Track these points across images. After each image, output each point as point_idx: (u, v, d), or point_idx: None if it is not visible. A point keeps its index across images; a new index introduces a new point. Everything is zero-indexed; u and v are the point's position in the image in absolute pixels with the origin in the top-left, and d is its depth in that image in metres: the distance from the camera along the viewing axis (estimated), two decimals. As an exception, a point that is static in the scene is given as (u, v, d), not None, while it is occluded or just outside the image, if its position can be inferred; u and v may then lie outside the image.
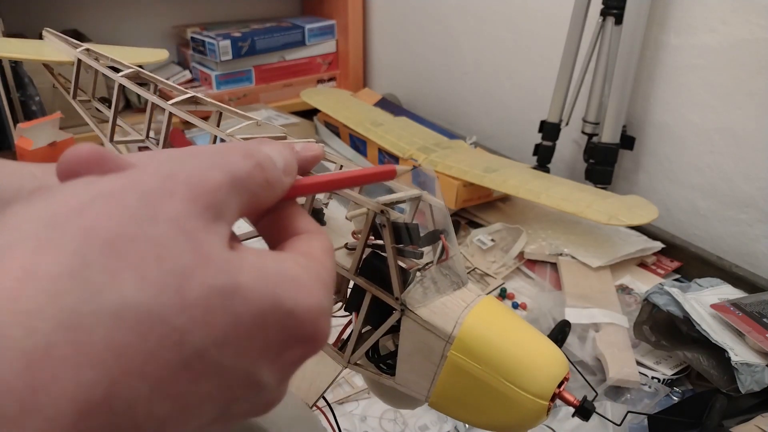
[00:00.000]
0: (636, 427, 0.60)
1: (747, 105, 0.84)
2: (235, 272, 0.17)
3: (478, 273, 0.82)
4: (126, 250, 0.16)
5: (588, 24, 0.97)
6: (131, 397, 0.15)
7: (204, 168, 0.19)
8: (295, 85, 1.49)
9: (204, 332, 0.16)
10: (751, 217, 0.87)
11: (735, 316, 0.65)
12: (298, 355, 0.20)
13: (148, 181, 0.17)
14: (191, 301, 0.16)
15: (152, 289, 0.15)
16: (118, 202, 0.16)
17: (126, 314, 0.15)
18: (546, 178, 0.91)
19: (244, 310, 0.17)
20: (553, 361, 0.30)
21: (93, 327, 0.14)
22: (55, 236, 0.15)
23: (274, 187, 0.22)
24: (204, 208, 0.18)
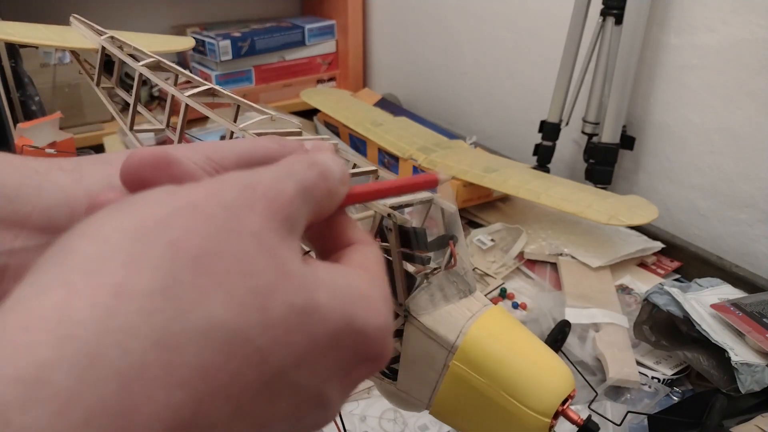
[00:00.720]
0: (636, 427, 0.60)
1: (747, 105, 0.84)
2: (313, 289, 0.17)
3: (478, 273, 0.82)
4: (213, 266, 0.15)
5: (588, 24, 0.97)
6: (215, 417, 0.15)
7: (279, 179, 0.19)
8: (295, 85, 1.49)
9: (285, 352, 0.16)
10: (751, 217, 0.87)
11: (735, 316, 0.65)
12: (365, 373, 0.20)
13: (229, 192, 0.17)
14: (274, 320, 0.16)
15: (238, 307, 0.15)
16: (202, 213, 0.16)
17: (214, 334, 0.15)
18: (546, 178, 0.91)
19: (321, 329, 0.17)
20: (558, 377, 0.29)
21: (183, 347, 0.14)
22: (144, 251, 0.15)
23: (334, 196, 0.21)
24: (281, 221, 0.18)
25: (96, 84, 0.57)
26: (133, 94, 0.49)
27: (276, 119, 0.39)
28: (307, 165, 0.20)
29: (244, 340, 0.15)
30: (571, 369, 0.68)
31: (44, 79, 1.18)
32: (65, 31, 0.63)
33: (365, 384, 0.64)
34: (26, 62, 1.15)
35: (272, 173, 0.19)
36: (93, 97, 1.24)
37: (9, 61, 1.09)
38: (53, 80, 1.19)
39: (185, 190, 0.17)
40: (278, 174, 0.19)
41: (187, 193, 0.17)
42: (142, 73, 0.47)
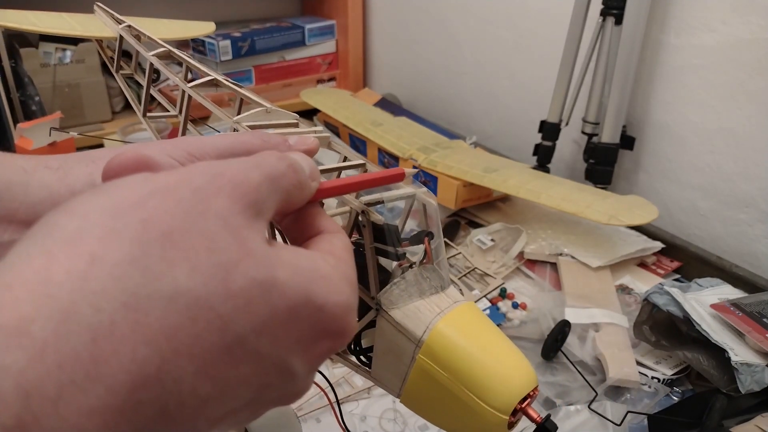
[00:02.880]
0: (636, 427, 0.60)
1: (747, 105, 0.84)
2: (274, 267, 0.19)
3: (478, 273, 0.82)
4: (180, 241, 0.17)
5: (588, 24, 0.97)
6: (179, 375, 0.16)
7: (246, 168, 0.20)
8: (295, 85, 1.49)
9: (245, 320, 0.18)
10: (751, 217, 0.87)
11: (735, 316, 0.65)
12: (327, 348, 0.21)
13: (199, 178, 0.19)
14: (235, 291, 0.18)
15: (202, 277, 0.17)
16: (173, 196, 0.18)
17: (178, 299, 0.17)
18: (546, 178, 0.91)
19: (280, 302, 0.19)
20: (518, 376, 0.29)
21: (149, 309, 0.16)
22: (118, 226, 0.17)
23: (304, 188, 0.24)
24: (246, 206, 0.19)
25: (115, 71, 0.59)
26: (146, 82, 0.50)
27: (271, 111, 0.39)
28: (277, 158, 0.22)
29: (206, 306, 0.17)
30: (570, 369, 0.68)
31: (44, 79, 1.18)
32: (88, 20, 0.65)
33: (365, 384, 0.64)
34: (26, 62, 1.15)
35: (241, 163, 0.21)
36: (93, 97, 1.25)
37: (9, 61, 1.09)
38: (53, 80, 1.19)
39: (159, 176, 0.19)
40: (247, 164, 0.21)
41: (161, 179, 0.19)
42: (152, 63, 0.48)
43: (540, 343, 0.69)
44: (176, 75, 0.46)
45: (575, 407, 0.61)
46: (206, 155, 0.28)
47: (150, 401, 0.16)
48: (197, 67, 0.46)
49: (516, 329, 0.73)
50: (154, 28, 0.62)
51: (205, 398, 0.17)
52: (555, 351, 0.68)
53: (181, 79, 0.44)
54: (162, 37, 0.58)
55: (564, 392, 0.64)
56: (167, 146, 0.28)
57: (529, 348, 0.70)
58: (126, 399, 0.15)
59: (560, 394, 0.64)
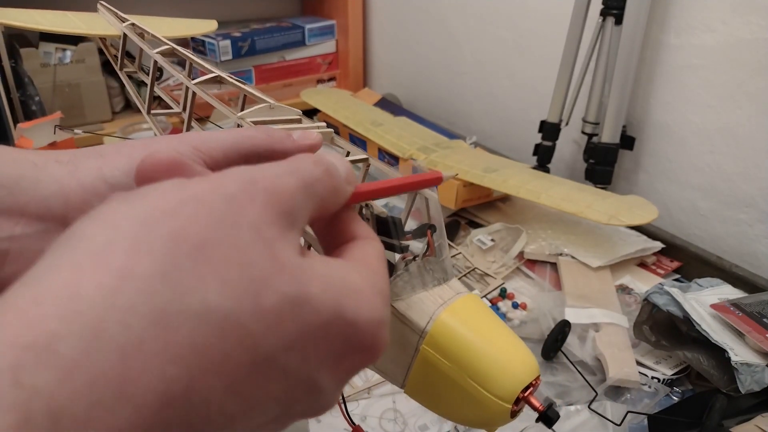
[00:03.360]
0: (636, 427, 0.60)
1: (747, 105, 0.84)
2: (307, 281, 0.18)
3: (478, 273, 0.82)
4: (212, 254, 0.17)
5: (588, 24, 0.97)
6: (207, 394, 0.16)
7: (281, 174, 0.20)
8: (295, 85, 1.49)
9: (276, 337, 0.17)
10: (751, 217, 0.87)
11: (735, 316, 0.65)
12: (357, 363, 0.21)
13: (231, 186, 0.18)
14: (267, 308, 0.17)
15: (233, 294, 0.16)
16: (205, 205, 0.18)
17: (209, 316, 0.16)
18: (546, 178, 0.91)
19: (312, 318, 0.18)
20: (521, 365, 0.30)
21: (179, 326, 0.16)
22: (149, 238, 0.16)
23: (339, 193, 0.23)
24: (280, 215, 0.19)
25: (119, 69, 0.59)
26: (150, 80, 0.50)
27: (275, 107, 0.39)
28: (313, 162, 0.21)
29: (237, 324, 0.16)
30: (570, 369, 0.68)
31: (44, 79, 1.18)
32: (92, 19, 0.65)
33: (365, 384, 0.64)
34: (26, 62, 1.15)
35: (275, 169, 0.20)
36: (93, 97, 1.25)
37: (9, 61, 1.09)
38: (53, 80, 1.19)
39: (191, 184, 0.18)
40: (281, 169, 0.20)
41: (193, 187, 0.18)
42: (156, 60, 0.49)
43: (540, 343, 0.69)
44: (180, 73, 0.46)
45: (575, 407, 0.61)
46: (211, 150, 0.28)
47: (177, 420, 0.16)
48: (201, 64, 0.46)
49: (516, 329, 0.73)
50: (157, 26, 0.63)
51: (232, 416, 0.17)
52: (555, 351, 0.68)
53: (185, 76, 0.45)
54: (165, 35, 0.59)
55: (564, 392, 0.64)
56: (174, 141, 0.28)
57: (529, 348, 0.70)
58: (153, 419, 0.15)
59: (560, 394, 0.64)
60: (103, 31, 0.62)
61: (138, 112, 1.33)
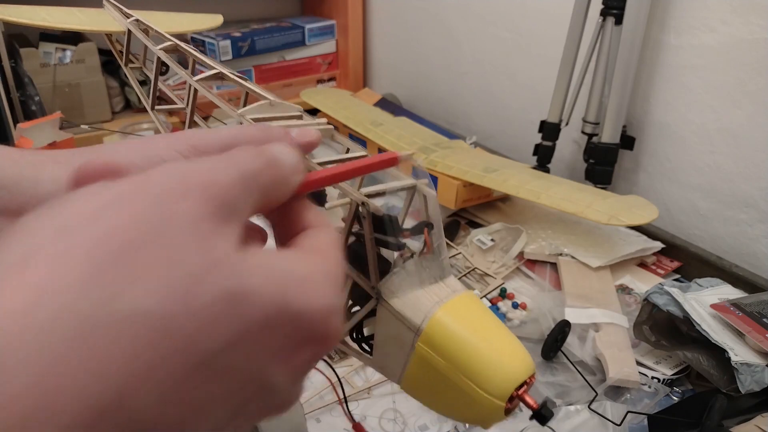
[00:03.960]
0: (636, 427, 0.60)
1: (747, 105, 0.84)
2: (245, 275, 0.18)
3: (478, 273, 0.82)
4: (137, 256, 0.16)
5: (588, 24, 0.97)
6: (142, 403, 0.15)
7: (218, 166, 0.19)
8: (295, 85, 1.49)
9: (213, 336, 0.17)
10: (751, 217, 0.87)
11: (735, 316, 0.65)
12: (310, 355, 0.20)
13: (161, 182, 0.18)
14: (200, 306, 0.16)
15: (162, 294, 0.16)
16: (130, 206, 0.17)
17: (136, 321, 0.15)
18: (546, 178, 0.91)
19: (253, 313, 0.17)
20: (515, 363, 0.30)
21: (103, 336, 0.15)
22: (68, 246, 0.16)
23: (284, 184, 0.22)
24: (217, 208, 0.18)
25: (124, 64, 0.60)
26: (153, 76, 0.50)
27: (275, 104, 0.39)
28: (254, 154, 0.21)
29: (168, 326, 0.16)
30: (570, 369, 0.68)
31: (44, 79, 1.18)
32: (97, 15, 0.65)
33: (365, 384, 0.64)
34: (26, 62, 1.15)
35: (211, 162, 0.19)
36: (93, 97, 1.24)
37: (9, 61, 1.09)
38: (53, 80, 1.19)
39: (116, 185, 0.18)
40: (218, 162, 0.19)
41: (117, 187, 0.17)
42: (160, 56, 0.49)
43: (540, 343, 0.69)
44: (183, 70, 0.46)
45: (575, 407, 0.61)
46: (210, 147, 0.28)
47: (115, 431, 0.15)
48: (203, 60, 0.47)
49: (516, 329, 0.73)
50: (162, 22, 0.63)
51: (177, 421, 0.16)
52: (555, 351, 0.68)
53: (187, 73, 0.45)
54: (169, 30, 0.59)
55: (564, 392, 0.64)
56: (171, 139, 0.28)
57: (529, 348, 0.69)
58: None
59: (560, 394, 0.64)
60: (108, 27, 0.62)
61: (138, 112, 1.33)
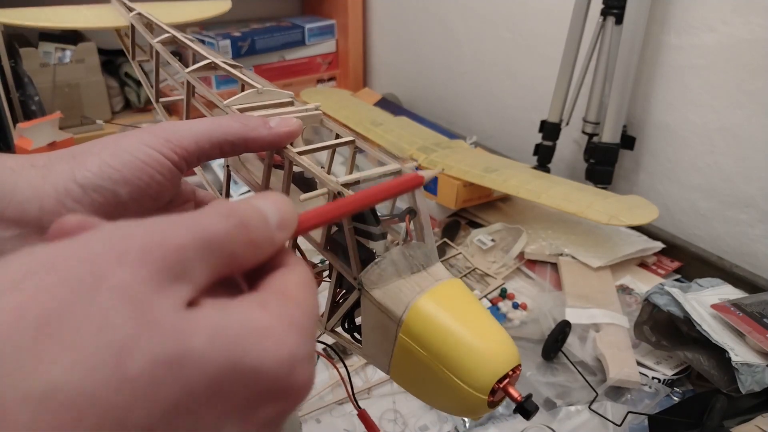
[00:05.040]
0: (636, 427, 0.60)
1: (747, 105, 0.84)
2: (186, 336, 0.16)
3: (479, 273, 0.82)
4: (60, 327, 0.15)
5: (588, 24, 0.96)
6: None
7: (171, 227, 0.18)
8: (295, 84, 1.49)
9: (150, 407, 0.15)
10: (752, 217, 0.87)
11: (735, 317, 0.65)
12: (275, 411, 0.19)
13: (96, 246, 0.17)
14: (132, 375, 0.15)
15: (86, 366, 0.15)
16: (58, 272, 0.16)
17: (54, 397, 0.14)
18: (546, 178, 0.91)
19: (197, 376, 0.16)
20: (497, 354, 0.29)
21: (18, 414, 0.14)
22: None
23: (261, 245, 0.20)
24: (158, 271, 0.17)
25: (132, 58, 0.60)
26: (154, 68, 0.50)
27: (263, 92, 0.39)
28: (223, 216, 0.19)
29: (92, 400, 0.14)
30: (571, 369, 0.67)
31: (44, 79, 1.17)
32: (104, 11, 0.66)
33: (365, 384, 0.64)
34: (26, 62, 1.15)
35: (165, 222, 0.18)
36: (93, 97, 1.24)
37: (9, 61, 1.09)
38: (53, 80, 1.19)
39: (47, 248, 0.17)
40: (174, 222, 0.18)
41: (49, 251, 0.16)
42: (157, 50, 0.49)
43: (540, 343, 0.69)
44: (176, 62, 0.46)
45: (576, 408, 0.61)
46: (182, 140, 0.28)
47: None
48: (197, 51, 0.47)
49: (516, 329, 0.73)
50: (168, 12, 0.62)
51: None
52: (555, 351, 0.68)
53: (180, 65, 0.45)
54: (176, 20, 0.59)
55: (564, 392, 0.64)
56: (144, 134, 0.28)
57: (529, 348, 0.70)
58: None
59: (561, 394, 0.64)
60: (115, 23, 0.62)
61: (137, 112, 1.33)
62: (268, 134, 0.31)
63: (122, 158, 0.27)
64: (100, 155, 0.28)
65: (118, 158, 0.27)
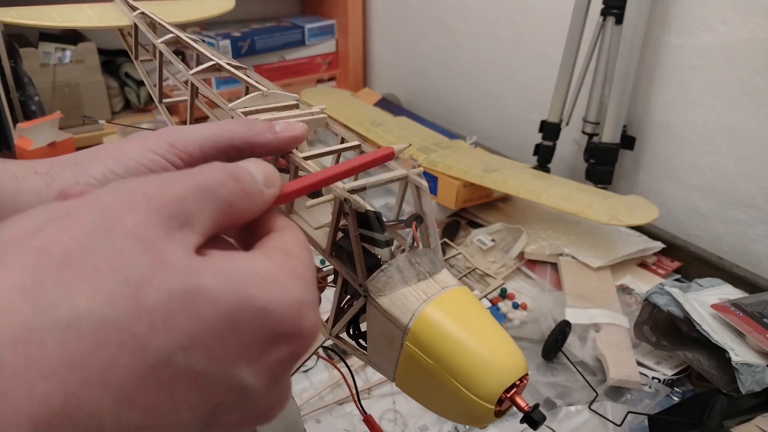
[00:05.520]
0: (636, 427, 0.60)
1: (747, 105, 0.84)
2: (198, 275, 0.17)
3: (479, 273, 0.82)
4: (80, 264, 0.16)
5: (588, 24, 0.96)
6: (94, 408, 0.15)
7: (168, 180, 0.19)
8: (295, 85, 1.49)
9: (167, 336, 0.16)
10: (752, 217, 0.87)
11: (735, 317, 0.65)
12: (285, 353, 0.20)
13: (106, 198, 0.18)
14: (149, 307, 0.16)
15: (106, 298, 0.16)
16: (74, 220, 0.17)
17: (79, 325, 0.15)
18: (546, 178, 0.91)
19: (209, 311, 0.17)
20: (505, 364, 0.29)
21: (45, 340, 0.15)
22: (8, 257, 0.16)
23: (253, 196, 0.22)
24: (165, 218, 0.18)
25: (135, 57, 0.60)
26: (157, 69, 0.50)
27: (269, 95, 0.39)
28: (216, 168, 0.21)
29: (115, 328, 0.16)
30: (571, 369, 0.67)
31: (44, 79, 1.17)
32: (107, 10, 0.65)
33: (365, 385, 0.64)
34: (26, 62, 1.14)
35: (165, 177, 0.20)
36: (93, 97, 1.24)
37: (9, 61, 1.09)
38: (53, 80, 1.19)
39: (62, 203, 0.18)
40: (171, 176, 0.20)
41: (63, 205, 0.18)
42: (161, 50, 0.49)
43: (540, 343, 0.69)
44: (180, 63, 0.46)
45: (576, 408, 0.61)
46: (188, 146, 0.28)
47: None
48: (201, 52, 0.46)
49: (516, 329, 0.73)
50: (171, 11, 0.62)
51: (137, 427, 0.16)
52: (555, 351, 0.68)
53: (184, 66, 0.45)
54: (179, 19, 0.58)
55: (564, 393, 0.64)
56: (148, 140, 0.28)
57: (529, 348, 0.70)
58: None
59: (561, 394, 0.64)
60: (118, 23, 0.62)
61: (137, 112, 1.33)
62: (274, 139, 0.31)
63: (127, 164, 0.27)
64: (104, 162, 0.27)
65: (123, 164, 0.27)
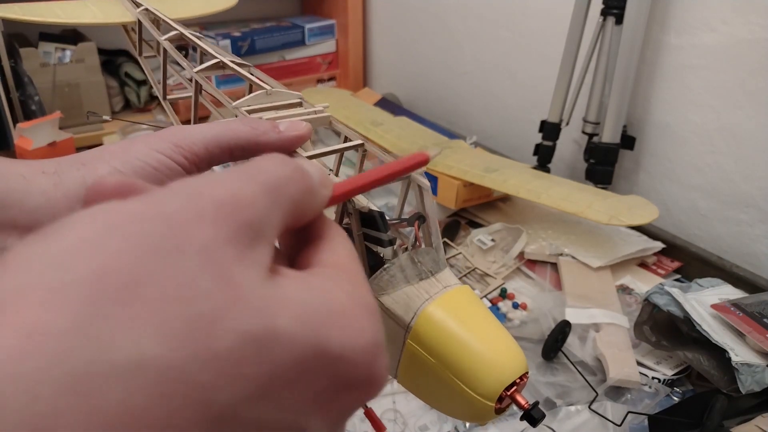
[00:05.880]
0: (636, 427, 0.60)
1: (747, 105, 0.84)
2: (273, 313, 0.15)
3: (479, 273, 0.82)
4: (144, 293, 0.14)
5: (588, 23, 0.96)
6: None
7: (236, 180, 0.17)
8: (295, 84, 1.49)
9: (236, 387, 0.14)
10: (752, 217, 0.87)
11: (735, 317, 0.65)
12: (353, 400, 0.18)
13: (173, 202, 0.15)
14: (219, 353, 0.14)
15: (173, 339, 0.14)
16: (137, 231, 0.14)
17: (143, 372, 0.13)
18: (546, 178, 0.91)
19: (283, 358, 0.15)
20: (506, 362, 0.29)
21: (105, 389, 0.13)
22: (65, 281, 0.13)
23: (316, 194, 0.20)
24: (237, 231, 0.16)
25: (138, 54, 0.60)
26: (162, 66, 0.50)
27: (272, 93, 0.39)
28: (279, 161, 0.18)
29: (181, 376, 0.13)
30: (571, 369, 0.67)
31: (44, 79, 1.17)
32: (111, 6, 0.65)
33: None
34: (26, 62, 1.14)
35: (229, 175, 0.17)
36: (93, 97, 1.24)
37: (9, 61, 1.09)
38: (53, 80, 1.19)
39: (121, 206, 0.15)
40: (237, 174, 0.17)
41: (123, 208, 0.15)
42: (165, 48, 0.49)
43: (540, 343, 0.69)
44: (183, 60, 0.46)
45: (576, 408, 0.61)
46: (192, 146, 0.28)
47: None
48: (205, 49, 0.46)
49: (516, 329, 0.73)
50: (174, 8, 0.62)
51: None
52: (555, 351, 0.68)
53: (187, 64, 0.45)
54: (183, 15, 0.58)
55: (564, 392, 0.64)
56: (152, 140, 0.28)
57: (529, 348, 0.70)
58: None
59: (561, 394, 0.64)
60: (122, 19, 0.62)
61: (137, 112, 1.33)
62: (278, 138, 0.31)
63: (133, 165, 0.27)
64: (110, 162, 0.27)
65: (129, 165, 0.27)
